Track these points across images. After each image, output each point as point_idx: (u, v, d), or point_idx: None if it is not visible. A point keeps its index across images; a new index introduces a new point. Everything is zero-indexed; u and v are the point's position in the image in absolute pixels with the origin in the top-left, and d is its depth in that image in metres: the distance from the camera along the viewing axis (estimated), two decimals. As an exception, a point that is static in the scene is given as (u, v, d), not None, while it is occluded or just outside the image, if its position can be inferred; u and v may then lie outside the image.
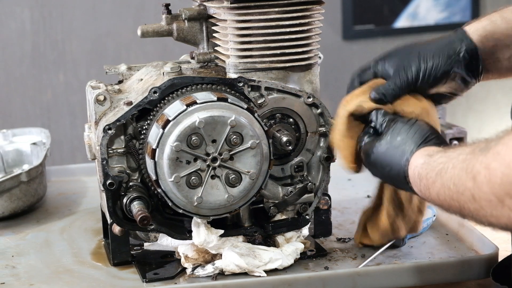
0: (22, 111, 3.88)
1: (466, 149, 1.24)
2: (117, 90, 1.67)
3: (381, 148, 1.46)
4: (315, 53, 1.65)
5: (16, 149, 2.22)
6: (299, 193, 1.66)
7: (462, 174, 1.21)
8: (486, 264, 1.58)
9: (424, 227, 1.74)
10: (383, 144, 1.46)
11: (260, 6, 1.59)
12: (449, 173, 1.25)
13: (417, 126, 1.45)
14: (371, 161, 1.49)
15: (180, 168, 1.52)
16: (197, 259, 1.62)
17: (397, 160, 1.43)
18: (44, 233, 1.89)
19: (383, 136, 1.48)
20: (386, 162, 1.45)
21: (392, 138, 1.46)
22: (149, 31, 1.71)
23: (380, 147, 1.46)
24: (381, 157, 1.46)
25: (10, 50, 3.82)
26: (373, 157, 1.48)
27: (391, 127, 1.48)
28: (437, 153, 1.35)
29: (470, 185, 1.19)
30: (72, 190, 2.18)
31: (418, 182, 1.36)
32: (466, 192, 1.20)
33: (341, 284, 1.55)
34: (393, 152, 1.44)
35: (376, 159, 1.47)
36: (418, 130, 1.44)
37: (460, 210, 1.24)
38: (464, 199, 1.21)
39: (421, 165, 1.36)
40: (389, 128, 1.48)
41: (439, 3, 4.23)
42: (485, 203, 1.16)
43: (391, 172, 1.44)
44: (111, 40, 3.91)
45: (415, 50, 1.55)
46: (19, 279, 1.64)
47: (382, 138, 1.47)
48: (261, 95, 1.62)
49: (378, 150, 1.47)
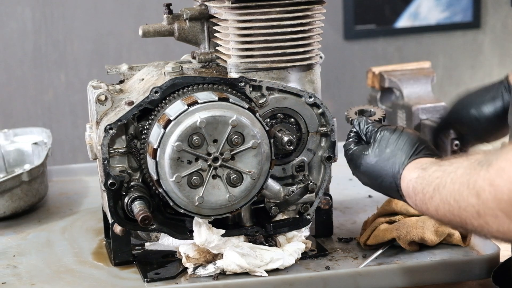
0: (24, 111, 3.88)
1: (463, 163, 1.23)
2: (118, 90, 1.67)
3: (370, 160, 1.48)
4: (316, 53, 1.65)
5: (17, 149, 2.22)
6: (300, 193, 1.66)
7: (463, 190, 1.19)
8: (487, 264, 1.57)
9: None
10: (371, 156, 1.48)
11: (262, 6, 1.59)
12: (448, 188, 1.24)
13: (405, 135, 1.46)
14: (361, 172, 1.50)
15: (181, 168, 1.52)
16: (198, 259, 1.62)
17: (388, 172, 1.44)
18: (46, 233, 1.89)
19: (371, 147, 1.49)
20: (376, 174, 1.46)
21: (380, 150, 1.47)
22: (150, 31, 1.71)
23: (369, 159, 1.48)
24: (370, 169, 1.47)
25: (12, 50, 3.82)
26: (363, 168, 1.49)
27: (377, 137, 1.49)
28: (430, 166, 1.34)
29: (473, 201, 1.17)
30: (73, 190, 2.19)
31: (413, 197, 1.36)
32: (469, 208, 1.19)
33: (342, 284, 1.55)
34: (383, 165, 1.45)
35: (366, 171, 1.49)
36: (406, 141, 1.45)
37: (462, 225, 1.23)
38: (467, 215, 1.20)
39: (415, 179, 1.36)
40: (376, 139, 1.49)
41: (441, 3, 4.23)
42: (491, 219, 1.15)
43: (383, 183, 1.45)
44: (112, 40, 3.91)
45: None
46: (21, 278, 1.64)
47: (370, 150, 1.49)
48: (262, 95, 1.62)
49: (367, 162, 1.48)
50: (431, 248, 1.67)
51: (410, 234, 1.64)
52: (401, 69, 2.36)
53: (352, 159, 1.53)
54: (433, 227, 1.64)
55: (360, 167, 1.50)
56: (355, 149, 1.53)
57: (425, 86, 2.28)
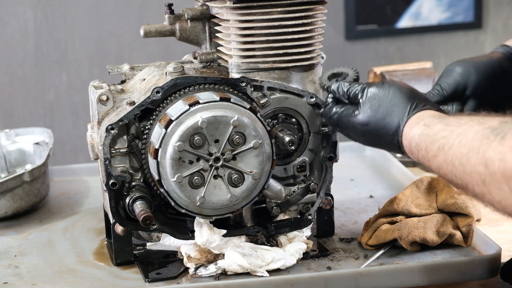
0: (25, 111, 3.88)
1: (474, 126, 1.20)
2: (119, 90, 1.67)
3: (362, 121, 1.42)
4: (318, 53, 1.65)
5: (19, 149, 2.22)
6: (301, 193, 1.66)
7: (472, 156, 1.17)
8: (489, 264, 1.57)
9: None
10: (364, 117, 1.42)
11: (263, 6, 1.59)
12: (454, 150, 1.22)
13: (396, 90, 1.40)
14: (355, 134, 1.44)
15: (183, 168, 1.52)
16: (200, 259, 1.62)
17: (387, 131, 1.38)
18: (47, 233, 1.89)
19: (360, 108, 1.43)
20: (374, 134, 1.41)
21: (373, 109, 1.41)
22: (152, 31, 1.71)
23: (362, 120, 1.42)
24: (367, 131, 1.42)
25: (13, 50, 3.83)
26: (357, 131, 1.43)
27: (365, 96, 1.42)
28: (435, 123, 1.30)
29: (481, 169, 1.16)
30: (74, 190, 2.18)
31: (416, 153, 1.32)
32: (474, 175, 1.17)
33: (344, 284, 1.55)
34: (380, 124, 1.39)
35: (362, 133, 1.43)
36: (400, 96, 1.39)
37: (463, 187, 1.22)
38: (470, 180, 1.18)
39: (418, 136, 1.32)
40: (363, 98, 1.43)
41: (442, 3, 4.23)
42: (495, 190, 1.14)
43: (382, 142, 1.40)
44: (113, 40, 3.91)
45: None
46: (22, 278, 1.64)
47: (361, 110, 1.42)
48: (263, 95, 1.62)
49: (360, 123, 1.42)
50: (433, 248, 1.67)
51: (411, 234, 1.64)
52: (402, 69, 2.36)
53: (340, 122, 1.47)
54: (434, 228, 1.64)
55: (353, 130, 1.44)
56: (341, 112, 1.46)
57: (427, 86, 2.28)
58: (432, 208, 1.69)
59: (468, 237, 1.67)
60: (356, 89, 1.47)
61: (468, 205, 1.67)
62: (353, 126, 1.44)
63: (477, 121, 1.22)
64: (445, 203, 1.68)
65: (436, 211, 1.69)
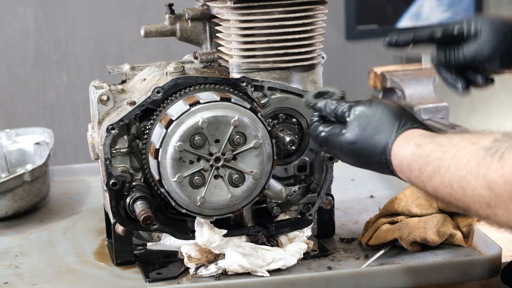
0: (25, 111, 3.88)
1: (467, 147, 1.19)
2: (120, 90, 1.67)
3: (349, 140, 1.38)
4: (318, 53, 1.65)
5: (19, 149, 2.22)
6: (302, 193, 1.66)
7: (471, 179, 1.16)
8: (489, 264, 1.57)
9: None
10: (351, 136, 1.38)
11: (264, 6, 1.59)
12: (451, 172, 1.20)
13: (384, 108, 1.37)
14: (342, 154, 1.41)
15: (183, 168, 1.52)
16: (200, 259, 1.62)
17: (374, 150, 1.35)
18: (47, 233, 1.89)
19: (347, 127, 1.39)
20: (361, 153, 1.37)
21: (360, 127, 1.37)
22: (152, 31, 1.71)
23: (349, 138, 1.38)
24: (353, 150, 1.38)
25: (14, 50, 3.83)
26: (344, 150, 1.39)
27: (353, 115, 1.39)
28: (426, 142, 1.28)
29: (485, 193, 1.14)
30: (75, 190, 2.19)
31: (408, 173, 1.30)
32: (477, 198, 1.16)
33: (344, 284, 1.55)
34: (368, 143, 1.36)
35: (349, 152, 1.39)
36: (388, 114, 1.36)
37: (464, 209, 1.20)
38: (472, 203, 1.17)
39: (410, 156, 1.29)
40: (351, 116, 1.39)
41: (443, 3, 4.23)
42: (501, 212, 1.13)
43: (370, 162, 1.36)
44: (114, 40, 3.91)
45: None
46: (22, 278, 1.64)
47: (348, 129, 1.39)
48: (264, 95, 1.62)
49: (347, 142, 1.38)
50: (433, 248, 1.67)
51: (412, 234, 1.64)
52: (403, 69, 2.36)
53: (327, 141, 1.42)
54: (435, 228, 1.64)
55: (340, 149, 1.40)
56: (328, 130, 1.42)
57: (427, 86, 2.28)
58: (433, 208, 1.69)
59: (469, 237, 1.67)
60: (343, 107, 1.42)
61: None
62: (340, 145, 1.40)
63: (468, 141, 1.20)
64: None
65: (436, 211, 1.69)
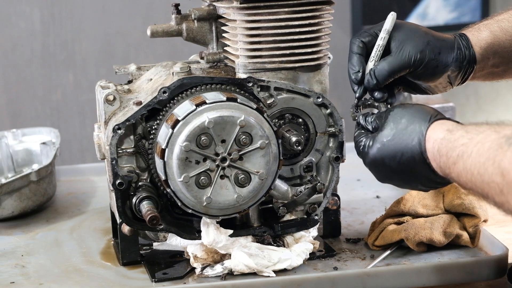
0: (32, 111, 3.89)
1: (491, 135, 1.22)
2: (126, 90, 1.67)
3: (386, 136, 1.42)
4: (325, 53, 1.65)
5: (25, 148, 2.22)
6: (308, 194, 1.66)
7: (489, 166, 1.19)
8: (495, 265, 1.57)
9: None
10: (387, 132, 1.42)
11: (270, 6, 1.59)
12: (473, 159, 1.23)
13: (418, 106, 1.42)
14: (378, 156, 1.43)
15: (190, 168, 1.53)
16: (206, 259, 1.62)
17: (409, 140, 1.38)
18: (54, 233, 1.89)
19: (384, 126, 1.44)
20: (395, 149, 1.40)
21: (395, 123, 1.41)
22: (159, 31, 1.71)
23: (385, 135, 1.42)
24: (388, 146, 1.41)
25: (20, 50, 3.83)
26: (380, 150, 1.42)
27: (389, 115, 1.44)
28: (457, 129, 1.31)
29: (498, 180, 1.17)
30: (81, 190, 2.19)
31: (438, 158, 1.33)
32: (492, 185, 1.19)
33: (350, 285, 1.55)
34: (402, 135, 1.39)
35: (384, 151, 1.42)
36: (421, 109, 1.41)
37: (483, 196, 1.23)
38: (489, 190, 1.20)
39: (441, 140, 1.33)
40: (387, 117, 1.44)
41: (449, 4, 4.23)
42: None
43: (403, 157, 1.39)
44: (120, 40, 3.91)
45: (425, 39, 1.55)
46: (29, 278, 1.64)
47: (384, 127, 1.43)
48: (270, 95, 1.62)
49: (384, 139, 1.42)
50: (439, 249, 1.66)
51: (418, 235, 1.63)
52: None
53: (368, 148, 1.45)
54: (441, 228, 1.64)
55: (377, 151, 1.42)
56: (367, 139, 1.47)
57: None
58: (439, 208, 1.69)
59: (475, 237, 1.66)
60: (380, 113, 1.49)
61: (475, 205, 1.67)
62: (376, 146, 1.43)
63: (494, 130, 1.23)
64: (452, 203, 1.68)
65: (443, 212, 1.69)
